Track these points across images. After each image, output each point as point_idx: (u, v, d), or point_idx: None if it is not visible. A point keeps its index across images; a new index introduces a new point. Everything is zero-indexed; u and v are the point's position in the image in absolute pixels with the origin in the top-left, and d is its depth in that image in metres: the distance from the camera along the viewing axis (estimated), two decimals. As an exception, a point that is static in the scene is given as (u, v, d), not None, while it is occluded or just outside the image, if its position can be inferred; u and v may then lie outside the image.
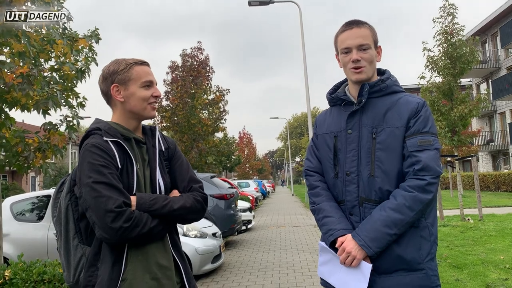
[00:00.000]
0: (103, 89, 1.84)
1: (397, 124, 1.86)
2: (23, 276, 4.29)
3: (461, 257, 6.50)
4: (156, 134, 1.92)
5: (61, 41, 5.21)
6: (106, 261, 1.64)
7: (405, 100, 1.90)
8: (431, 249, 1.83)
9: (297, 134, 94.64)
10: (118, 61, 1.83)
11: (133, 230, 1.59)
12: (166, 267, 1.75)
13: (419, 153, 1.79)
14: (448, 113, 12.78)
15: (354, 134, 1.93)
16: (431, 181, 1.77)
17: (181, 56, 25.06)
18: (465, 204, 13.56)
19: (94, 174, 1.61)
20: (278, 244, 9.69)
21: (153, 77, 1.85)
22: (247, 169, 53.49)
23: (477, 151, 24.47)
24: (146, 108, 1.81)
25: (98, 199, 1.57)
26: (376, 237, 1.78)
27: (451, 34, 12.83)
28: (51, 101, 4.76)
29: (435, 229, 1.87)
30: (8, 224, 6.36)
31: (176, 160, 1.95)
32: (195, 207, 1.81)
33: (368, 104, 1.94)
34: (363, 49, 1.90)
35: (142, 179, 1.78)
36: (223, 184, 9.93)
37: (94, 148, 1.66)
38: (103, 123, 1.79)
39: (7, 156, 4.84)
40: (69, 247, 1.75)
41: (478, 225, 9.66)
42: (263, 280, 6.24)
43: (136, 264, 1.67)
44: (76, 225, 1.74)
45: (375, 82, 1.94)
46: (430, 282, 1.81)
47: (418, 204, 1.76)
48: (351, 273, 1.85)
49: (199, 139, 22.93)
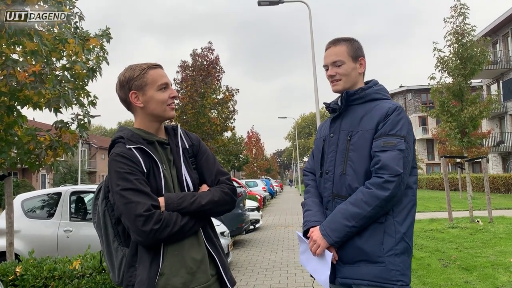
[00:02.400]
0: (121, 97, 1.89)
1: (368, 127, 2.05)
2: (34, 273, 4.34)
3: (471, 259, 6.45)
4: (178, 133, 1.96)
5: (73, 40, 5.25)
6: (143, 261, 1.72)
7: (380, 106, 2.09)
8: (396, 245, 1.94)
9: (305, 134, 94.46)
10: (132, 67, 1.88)
11: (164, 230, 1.66)
12: (200, 260, 1.81)
13: (381, 153, 1.96)
14: (458, 114, 12.68)
15: (335, 137, 2.16)
16: (388, 179, 1.90)
17: (192, 55, 25.20)
18: (474, 206, 13.44)
19: (121, 182, 1.69)
20: (286, 244, 9.69)
21: (167, 79, 1.90)
22: (255, 169, 53.52)
23: (487, 153, 24.24)
24: (165, 109, 1.87)
25: (128, 205, 1.66)
26: (336, 228, 1.97)
27: (462, 35, 12.72)
28: (62, 99, 4.81)
29: (404, 228, 1.98)
30: (19, 221, 6.43)
31: (201, 156, 1.99)
32: (224, 199, 1.86)
33: (348, 111, 2.17)
34: (337, 65, 2.15)
35: (170, 179, 1.84)
36: (231, 184, 9.94)
37: (119, 157, 1.74)
38: (126, 131, 1.85)
39: (19, 154, 4.90)
40: (110, 249, 1.85)
41: (488, 227, 9.59)
42: (271, 280, 6.26)
43: (172, 260, 1.74)
44: (114, 229, 1.84)
45: (354, 91, 2.15)
46: (389, 275, 1.92)
47: (374, 199, 1.91)
48: (319, 261, 2.05)
49: (208, 138, 23.01)
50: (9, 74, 4.51)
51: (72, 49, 5.40)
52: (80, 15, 5.35)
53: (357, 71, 2.17)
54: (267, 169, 62.54)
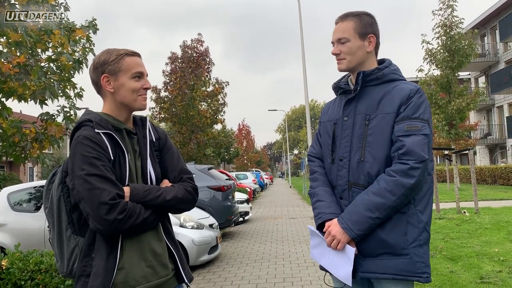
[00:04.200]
0: (93, 79, 1.84)
1: (388, 110, 1.91)
2: (20, 266, 4.31)
3: (456, 250, 6.55)
4: (146, 125, 1.93)
5: (58, 31, 5.18)
6: (101, 251, 1.65)
7: (400, 87, 1.94)
8: (419, 236, 1.85)
9: (296, 127, 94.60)
10: (109, 51, 1.82)
11: (127, 221, 1.61)
12: (160, 254, 1.80)
13: (405, 138, 1.82)
14: (445, 106, 12.79)
15: (349, 121, 2.01)
16: (414, 165, 1.79)
17: (181, 47, 25.00)
18: (461, 197, 13.61)
19: (87, 166, 1.62)
20: (275, 236, 9.74)
21: (144, 69, 1.85)
22: (245, 161, 53.55)
23: (475, 145, 24.52)
24: (136, 99, 1.81)
25: (92, 191, 1.59)
26: (358, 220, 1.84)
27: (450, 27, 12.79)
28: (48, 91, 4.75)
29: (426, 217, 1.89)
30: (5, 214, 6.38)
31: (166, 151, 1.96)
32: (187, 197, 1.84)
33: (364, 92, 2.01)
34: (341, 42, 2.00)
35: (134, 170, 1.80)
36: (220, 176, 9.95)
37: (86, 140, 1.66)
38: (94, 115, 1.79)
39: (4, 146, 4.84)
40: (62, 238, 1.75)
41: (474, 218, 9.72)
42: (259, 271, 6.29)
43: (131, 253, 1.70)
44: (68, 216, 1.74)
45: (371, 71, 1.99)
46: (415, 268, 1.83)
47: (399, 188, 1.79)
48: (338, 256, 1.92)
49: (197, 131, 22.93)
50: (-7, 66, 4.44)
51: (58, 40, 5.32)
52: (65, 6, 5.27)
53: (365, 50, 2.00)
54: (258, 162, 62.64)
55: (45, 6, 4.80)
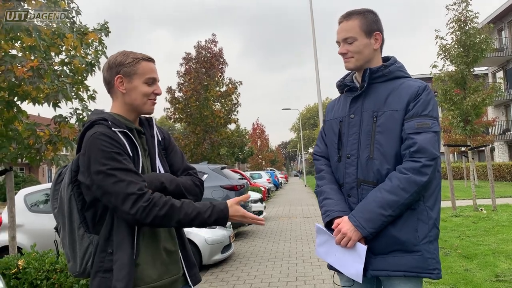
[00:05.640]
0: (106, 78, 1.87)
1: (397, 107, 1.91)
2: (36, 266, 4.40)
3: (472, 248, 6.45)
4: (153, 125, 1.98)
5: (71, 34, 5.27)
6: (123, 246, 1.66)
7: (407, 84, 1.95)
8: (429, 232, 1.86)
9: (310, 125, 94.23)
10: (126, 53, 1.86)
11: (152, 209, 1.63)
12: (173, 252, 1.84)
13: (416, 136, 1.83)
14: (460, 102, 12.59)
15: (356, 118, 2.01)
16: (426, 163, 1.80)
17: (195, 48, 25.16)
18: (478, 195, 13.39)
19: (109, 162, 1.64)
20: (289, 235, 9.73)
21: (157, 75, 1.89)
22: (260, 161, 53.58)
23: (493, 141, 24.06)
24: (146, 103, 1.85)
25: (118, 184, 1.62)
26: (371, 218, 1.83)
27: (465, 22, 12.58)
28: (61, 94, 4.83)
29: (435, 213, 1.90)
30: (22, 215, 6.50)
31: (171, 150, 2.01)
32: (194, 189, 1.90)
33: (370, 89, 2.01)
34: (348, 42, 2.00)
35: (146, 169, 1.84)
36: (233, 175, 9.98)
37: (104, 137, 1.68)
38: (107, 114, 1.82)
39: (19, 149, 4.94)
40: (74, 237, 1.76)
41: (491, 216, 9.56)
42: (272, 270, 6.30)
43: (147, 250, 1.73)
44: (80, 215, 1.75)
45: (377, 68, 2.00)
46: (426, 265, 1.84)
47: (412, 186, 1.80)
48: (348, 254, 1.90)
49: (211, 131, 23.02)
50: (7, 70, 4.53)
51: (71, 44, 5.41)
52: (76, 10, 5.35)
53: (371, 47, 2.00)
54: (272, 161, 62.62)
55: (56, 9, 4.88)
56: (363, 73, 2.01)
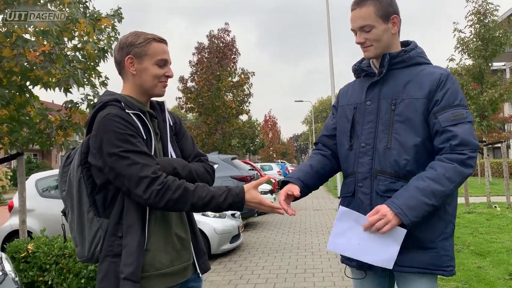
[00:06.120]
0: (117, 59, 1.82)
1: (417, 95, 1.81)
2: (45, 250, 4.41)
3: (485, 245, 6.33)
4: (165, 109, 1.93)
5: (84, 20, 5.24)
6: (133, 230, 1.61)
7: (428, 71, 1.85)
8: (446, 228, 1.81)
9: (322, 118, 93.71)
10: (138, 33, 1.81)
11: (166, 193, 1.59)
12: (184, 238, 1.80)
13: (454, 128, 1.74)
14: (477, 97, 12.34)
15: (373, 105, 1.91)
16: (471, 155, 1.73)
17: (208, 37, 25.06)
18: (493, 192, 13.17)
19: (122, 144, 1.59)
20: (298, 227, 9.68)
21: (168, 57, 1.82)
22: (271, 153, 53.53)
23: (508, 138, 23.65)
24: (156, 85, 1.79)
25: (132, 167, 1.58)
26: (414, 205, 1.69)
27: (484, 14, 12.28)
28: (72, 79, 4.81)
29: (452, 209, 1.84)
30: (34, 200, 6.54)
31: (182, 135, 1.96)
32: (205, 176, 1.86)
33: (389, 76, 1.90)
34: (365, 30, 1.88)
35: (158, 153, 1.79)
36: (244, 166, 9.95)
37: (118, 118, 1.62)
38: (119, 95, 1.77)
39: (31, 133, 4.95)
40: (83, 221, 1.71)
41: (505, 213, 9.39)
42: (280, 262, 6.26)
43: (158, 235, 1.69)
44: (90, 198, 1.70)
45: (397, 53, 1.89)
46: (441, 262, 1.79)
47: (458, 176, 1.72)
48: (378, 239, 1.76)
49: (223, 121, 23.01)
50: (19, 54, 4.52)
51: (84, 29, 5.38)
52: (87, -3, 5.33)
53: (390, 32, 1.88)
54: (283, 153, 62.53)
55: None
56: (382, 58, 1.90)
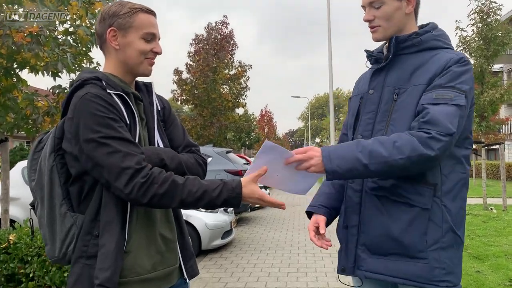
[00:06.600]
0: (98, 31, 1.58)
1: (420, 81, 1.58)
2: (27, 241, 4.21)
3: (483, 248, 6.19)
4: (152, 91, 1.69)
5: (76, 2, 5.02)
6: (111, 228, 1.40)
7: (439, 56, 1.61)
8: (443, 237, 1.55)
9: (319, 115, 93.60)
10: (123, 3, 1.57)
11: (150, 186, 1.38)
12: (170, 239, 1.58)
13: (431, 106, 1.49)
14: (477, 98, 12.20)
15: (376, 94, 1.70)
16: (436, 136, 1.44)
17: (206, 29, 24.80)
18: (488, 194, 13.08)
19: (102, 128, 1.38)
20: (291, 223, 9.52)
21: (157, 30, 1.59)
22: (266, 147, 53.38)
23: (504, 140, 23.63)
24: (142, 62, 1.56)
25: (113, 155, 1.37)
26: (345, 156, 1.49)
27: (487, 13, 12.10)
28: (60, 63, 4.59)
29: (454, 215, 1.58)
30: (19, 188, 6.32)
31: (171, 122, 1.73)
32: (197, 169, 1.64)
33: (396, 62, 1.69)
34: (375, 6, 1.66)
35: (142, 140, 1.57)
36: (238, 160, 9.76)
37: (98, 99, 1.41)
38: (100, 73, 1.53)
39: (16, 119, 4.73)
40: (54, 215, 1.49)
41: (502, 216, 9.29)
42: (272, 259, 6.08)
43: (140, 235, 1.48)
44: (63, 190, 1.48)
45: (407, 36, 1.66)
46: (431, 275, 1.54)
47: (410, 150, 1.44)
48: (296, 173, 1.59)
49: (219, 114, 22.79)
50: (5, 35, 4.30)
51: (76, 13, 5.17)
52: (83, -24, 5.08)
53: (403, 11, 1.66)
54: (278, 148, 62.34)
55: None
56: (389, 41, 1.69)
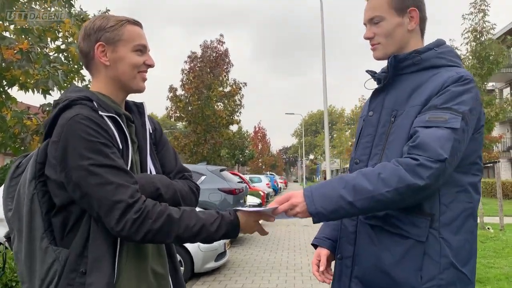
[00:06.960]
0: (83, 49, 1.45)
1: (416, 103, 1.48)
2: (13, 266, 4.03)
3: (483, 270, 6.04)
4: (144, 112, 1.57)
5: (69, 20, 4.95)
6: (101, 266, 1.27)
7: (439, 75, 1.48)
8: (440, 274, 1.39)
9: (312, 132, 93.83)
10: (107, 16, 1.47)
11: (144, 222, 1.26)
12: (162, 275, 1.45)
13: (422, 129, 1.38)
14: (472, 116, 12.27)
15: (375, 116, 1.61)
16: (425, 163, 1.31)
17: (201, 46, 24.93)
18: (484, 212, 13.00)
19: (93, 155, 1.26)
20: (287, 244, 9.33)
21: (146, 42, 1.49)
22: (260, 164, 53.27)
23: (498, 158, 23.70)
24: (135, 77, 1.45)
25: (104, 187, 1.25)
26: (328, 195, 1.38)
27: (481, 32, 12.20)
28: (51, 80, 4.48)
29: (456, 250, 1.42)
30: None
31: (162, 145, 1.61)
32: (190, 197, 1.52)
33: (395, 82, 1.59)
34: (374, 22, 1.58)
35: (134, 166, 1.44)
36: (232, 178, 9.60)
37: (89, 122, 1.29)
38: (90, 93, 1.41)
39: (4, 138, 4.58)
40: (33, 250, 1.34)
41: (499, 235, 9.18)
42: (268, 283, 5.89)
43: (131, 271, 1.34)
44: (45, 221, 1.33)
45: (406, 54, 1.55)
46: None
47: (397, 181, 1.32)
48: None
49: (212, 131, 22.72)
50: (-5, 51, 4.20)
51: (68, 30, 5.10)
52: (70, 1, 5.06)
53: (405, 28, 1.56)
54: (272, 165, 62.35)
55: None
56: (388, 61, 1.58)
